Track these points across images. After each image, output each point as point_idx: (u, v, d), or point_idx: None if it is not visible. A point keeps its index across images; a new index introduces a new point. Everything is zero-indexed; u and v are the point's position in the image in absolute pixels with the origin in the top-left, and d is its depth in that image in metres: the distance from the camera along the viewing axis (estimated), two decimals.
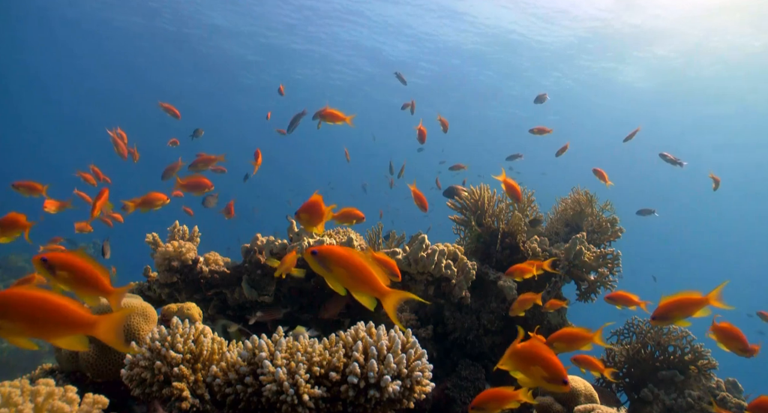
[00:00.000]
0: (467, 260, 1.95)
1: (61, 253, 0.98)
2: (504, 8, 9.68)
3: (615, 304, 2.01)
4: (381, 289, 0.95)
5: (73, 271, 0.96)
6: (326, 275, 0.97)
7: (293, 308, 1.99)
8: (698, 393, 2.07)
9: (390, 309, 0.96)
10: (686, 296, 1.39)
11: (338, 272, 0.95)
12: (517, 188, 2.11)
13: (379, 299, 0.96)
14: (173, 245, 1.94)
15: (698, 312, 1.38)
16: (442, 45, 11.78)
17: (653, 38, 10.11)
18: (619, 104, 13.69)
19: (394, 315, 0.96)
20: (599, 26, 9.92)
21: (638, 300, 1.93)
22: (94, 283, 0.97)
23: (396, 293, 0.97)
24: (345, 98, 15.17)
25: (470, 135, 17.73)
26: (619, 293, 1.98)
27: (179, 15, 11.11)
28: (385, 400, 1.04)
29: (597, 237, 2.52)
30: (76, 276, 0.96)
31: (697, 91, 12.25)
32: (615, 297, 1.98)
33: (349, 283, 0.96)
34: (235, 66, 13.84)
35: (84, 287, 0.97)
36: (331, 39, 11.83)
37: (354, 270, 0.94)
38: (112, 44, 13.24)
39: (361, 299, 0.96)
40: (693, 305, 1.38)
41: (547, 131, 3.68)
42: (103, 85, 17.32)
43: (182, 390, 1.03)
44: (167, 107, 3.72)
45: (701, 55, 10.56)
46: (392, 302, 0.96)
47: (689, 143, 15.08)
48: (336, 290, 0.97)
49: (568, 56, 11.37)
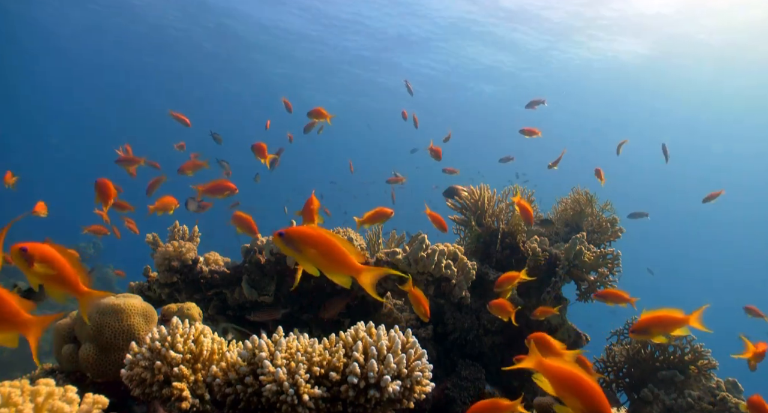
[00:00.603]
0: (467, 260, 1.95)
1: (43, 246, 0.95)
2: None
3: (605, 301, 2.02)
4: (354, 267, 0.93)
5: (51, 266, 0.94)
6: (297, 257, 0.94)
7: (293, 309, 1.99)
8: (698, 393, 2.07)
9: (367, 286, 0.94)
10: (667, 313, 1.40)
11: (309, 253, 0.92)
12: (529, 211, 2.12)
13: (354, 277, 0.94)
14: (173, 245, 1.95)
15: (677, 331, 1.40)
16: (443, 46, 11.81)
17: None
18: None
19: (372, 291, 0.94)
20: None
21: (628, 297, 1.94)
22: (68, 282, 0.95)
23: (370, 270, 0.95)
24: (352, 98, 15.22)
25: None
26: (609, 291, 1.98)
27: (187, 12, 11.10)
28: (385, 400, 1.04)
29: (597, 237, 2.52)
30: (51, 272, 0.93)
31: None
32: (604, 295, 1.98)
33: (322, 263, 0.93)
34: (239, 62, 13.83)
35: (57, 285, 0.94)
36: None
37: (325, 249, 0.92)
38: (117, 42, 13.23)
39: (335, 278, 0.94)
40: (673, 323, 1.39)
41: (536, 132, 3.68)
42: (106, 85, 17.33)
43: (182, 390, 1.03)
44: (177, 116, 3.72)
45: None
46: (368, 280, 0.94)
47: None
48: (309, 271, 0.94)
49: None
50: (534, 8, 9.62)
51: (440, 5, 10.01)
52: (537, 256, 2.18)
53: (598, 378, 2.27)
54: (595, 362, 2.34)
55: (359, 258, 0.94)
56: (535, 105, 4.02)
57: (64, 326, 1.32)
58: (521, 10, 9.75)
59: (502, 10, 9.87)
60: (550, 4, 9.41)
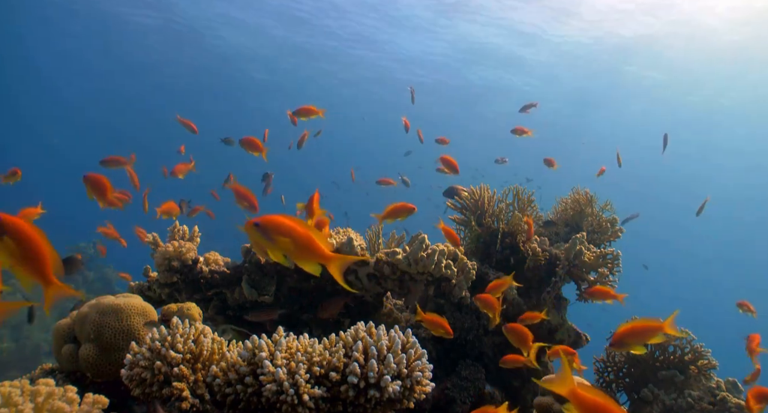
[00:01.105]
0: (467, 260, 1.95)
1: (20, 219, 0.85)
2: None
3: (594, 299, 2.03)
4: (325, 255, 0.95)
5: (21, 243, 0.84)
6: (269, 247, 0.96)
7: (293, 309, 1.99)
8: (698, 393, 2.07)
9: (336, 274, 0.96)
10: (642, 323, 1.43)
11: (281, 242, 0.94)
12: (530, 225, 2.15)
13: (324, 265, 0.96)
14: (173, 245, 1.94)
15: (654, 339, 1.43)
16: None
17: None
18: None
19: (340, 279, 0.97)
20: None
21: (614, 294, 1.96)
22: (37, 266, 0.86)
23: (339, 258, 0.97)
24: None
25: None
26: (597, 288, 2.00)
27: (190, 12, 11.10)
28: (385, 400, 1.04)
29: (597, 237, 2.52)
30: (21, 249, 0.84)
31: None
32: (593, 292, 2.00)
33: (293, 252, 0.95)
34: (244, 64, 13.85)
35: (24, 265, 0.85)
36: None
37: (297, 238, 0.94)
38: (121, 40, 13.21)
39: (305, 267, 0.96)
40: (648, 332, 1.42)
41: (527, 132, 3.68)
42: (109, 84, 17.32)
43: (182, 390, 1.04)
44: (184, 122, 3.70)
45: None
46: (337, 267, 0.97)
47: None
48: (278, 260, 0.96)
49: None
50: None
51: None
52: (537, 256, 2.18)
53: (598, 379, 2.28)
54: (595, 362, 2.34)
55: (329, 247, 0.96)
56: (528, 109, 4.03)
57: (64, 326, 1.32)
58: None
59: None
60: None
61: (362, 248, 1.92)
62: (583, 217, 2.58)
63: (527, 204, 2.37)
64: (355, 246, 1.87)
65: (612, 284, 2.22)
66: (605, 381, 2.29)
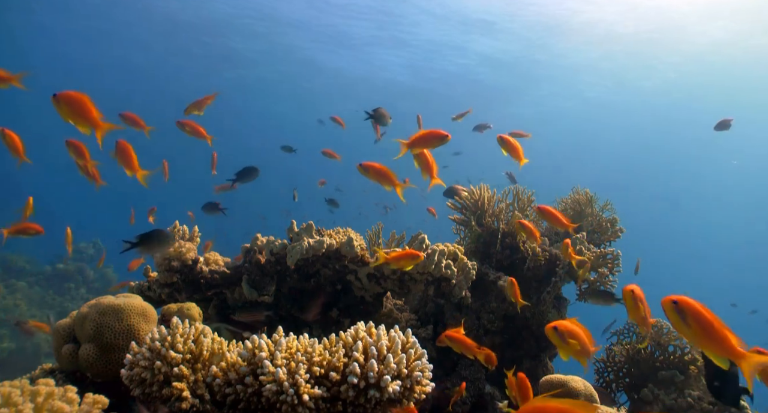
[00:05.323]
0: (467, 260, 1.95)
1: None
2: None
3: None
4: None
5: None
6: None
7: (293, 309, 1.99)
8: (698, 393, 2.07)
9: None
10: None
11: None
12: (536, 232, 2.14)
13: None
14: (173, 246, 1.94)
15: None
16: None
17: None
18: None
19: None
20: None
21: None
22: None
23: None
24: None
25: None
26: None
27: (191, 9, 11.08)
28: (385, 400, 1.04)
29: (597, 237, 2.52)
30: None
31: None
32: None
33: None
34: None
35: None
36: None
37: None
38: (117, 39, 13.20)
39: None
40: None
41: (525, 135, 3.70)
42: (108, 84, 17.32)
43: (182, 390, 1.03)
44: (189, 125, 3.69)
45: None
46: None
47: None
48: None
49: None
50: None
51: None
52: (537, 256, 2.18)
53: (598, 379, 2.28)
54: (595, 362, 2.34)
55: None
56: (483, 129, 3.99)
57: (64, 326, 1.32)
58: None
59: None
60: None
61: (362, 248, 1.92)
62: (583, 217, 2.58)
63: (527, 204, 2.37)
64: (355, 246, 1.87)
65: (612, 284, 2.22)
66: (605, 381, 2.29)
